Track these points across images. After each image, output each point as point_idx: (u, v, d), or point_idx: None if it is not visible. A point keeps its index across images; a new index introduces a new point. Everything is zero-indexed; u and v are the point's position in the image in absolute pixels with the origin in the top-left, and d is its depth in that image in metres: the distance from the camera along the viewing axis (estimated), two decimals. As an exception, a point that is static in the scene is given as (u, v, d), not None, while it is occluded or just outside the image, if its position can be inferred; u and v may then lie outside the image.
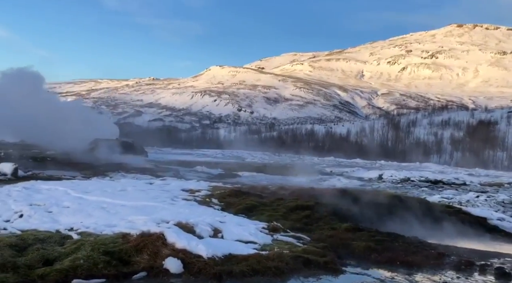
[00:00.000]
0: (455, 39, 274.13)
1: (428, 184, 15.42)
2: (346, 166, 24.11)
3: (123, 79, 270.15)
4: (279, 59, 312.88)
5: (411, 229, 7.43)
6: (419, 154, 67.40)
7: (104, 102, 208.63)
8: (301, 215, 7.54)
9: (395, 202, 8.67)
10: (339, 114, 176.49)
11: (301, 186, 10.35)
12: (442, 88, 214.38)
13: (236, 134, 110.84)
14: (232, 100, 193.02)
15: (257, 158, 29.47)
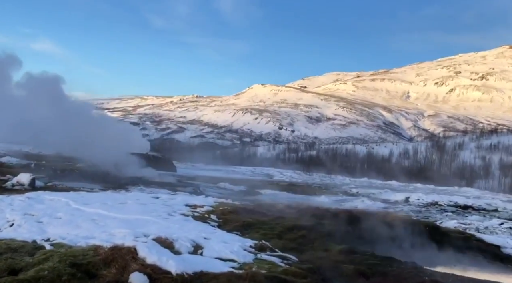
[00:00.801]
0: (507, 61, 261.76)
1: (455, 209, 14.51)
2: (377, 187, 23.23)
3: (168, 96, 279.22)
4: (321, 78, 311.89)
5: (412, 254, 6.97)
6: (464, 178, 64.30)
7: (148, 118, 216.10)
8: (297, 235, 7.27)
9: (402, 225, 8.20)
10: (383, 135, 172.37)
11: (310, 205, 10.06)
12: (492, 111, 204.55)
13: (275, 152, 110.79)
14: (273, 118, 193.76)
15: (286, 176, 29.04)
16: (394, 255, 6.92)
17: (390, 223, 8.30)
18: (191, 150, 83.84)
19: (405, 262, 6.36)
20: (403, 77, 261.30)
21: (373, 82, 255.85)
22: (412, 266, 6.28)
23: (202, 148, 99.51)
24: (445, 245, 7.70)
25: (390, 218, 8.55)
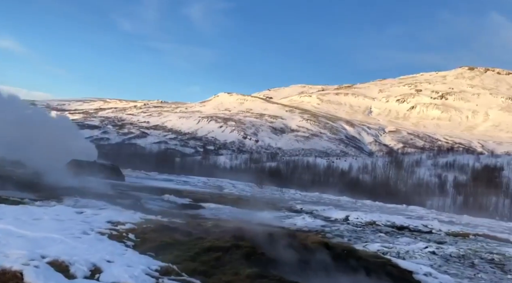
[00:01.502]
0: (466, 82, 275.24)
1: (391, 229, 14.87)
2: (325, 203, 23.58)
3: (132, 100, 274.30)
4: (287, 90, 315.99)
5: (322, 279, 7.07)
6: (419, 195, 66.21)
7: (110, 121, 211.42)
8: (211, 257, 7.17)
9: (320, 249, 8.29)
10: (345, 148, 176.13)
11: (238, 224, 10.03)
12: (451, 130, 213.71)
13: (237, 161, 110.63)
14: (238, 128, 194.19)
15: (237, 189, 28.90)
16: (305, 280, 6.98)
17: (309, 246, 8.38)
18: (152, 156, 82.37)
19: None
20: (366, 92, 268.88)
21: (337, 96, 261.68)
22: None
23: (164, 154, 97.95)
24: (359, 271, 7.83)
25: (309, 241, 8.63)
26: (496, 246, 13.00)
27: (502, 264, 10.22)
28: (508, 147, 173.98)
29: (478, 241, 13.67)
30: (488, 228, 19.87)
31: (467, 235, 14.84)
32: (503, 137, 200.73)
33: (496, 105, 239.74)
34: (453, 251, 10.84)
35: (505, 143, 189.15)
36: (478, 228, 18.85)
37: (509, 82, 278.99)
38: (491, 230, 19.12)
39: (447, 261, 9.80)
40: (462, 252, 10.80)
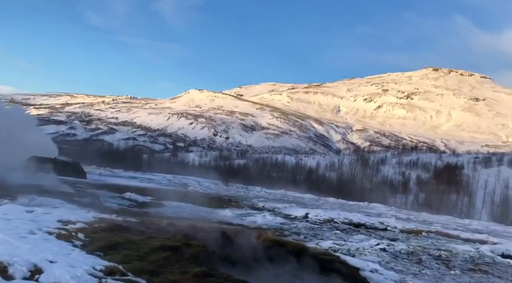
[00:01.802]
0: (430, 82, 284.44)
1: (348, 226, 15.26)
2: (288, 201, 23.89)
3: (100, 96, 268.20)
4: (258, 87, 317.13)
5: (271, 277, 7.21)
6: (383, 193, 67.81)
7: (77, 117, 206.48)
8: (160, 257, 7.16)
9: (272, 246, 8.44)
10: (314, 146, 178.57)
11: (193, 223, 10.04)
12: (415, 129, 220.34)
13: (207, 159, 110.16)
14: (209, 125, 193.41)
15: (202, 186, 28.81)
16: (255, 278, 7.09)
17: (261, 244, 8.51)
18: (119, 153, 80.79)
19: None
20: (335, 91, 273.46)
21: (306, 95, 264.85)
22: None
23: (132, 151, 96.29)
24: (309, 268, 8.02)
25: (262, 239, 8.77)
26: (446, 243, 13.58)
27: (448, 260, 10.69)
28: (469, 146, 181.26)
29: (429, 238, 14.23)
30: (442, 225, 20.67)
31: (420, 232, 15.41)
32: (465, 136, 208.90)
33: (458, 105, 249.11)
34: (403, 248, 11.25)
35: (467, 142, 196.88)
36: (433, 225, 19.59)
37: (471, 83, 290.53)
38: (445, 227, 19.91)
39: (396, 257, 10.17)
40: (411, 249, 11.23)
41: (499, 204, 49.22)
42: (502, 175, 70.90)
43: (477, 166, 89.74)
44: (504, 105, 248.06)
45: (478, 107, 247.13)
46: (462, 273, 9.60)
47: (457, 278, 9.03)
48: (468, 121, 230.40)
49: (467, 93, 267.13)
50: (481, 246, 12.80)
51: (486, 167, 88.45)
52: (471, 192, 64.54)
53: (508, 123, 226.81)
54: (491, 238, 16.66)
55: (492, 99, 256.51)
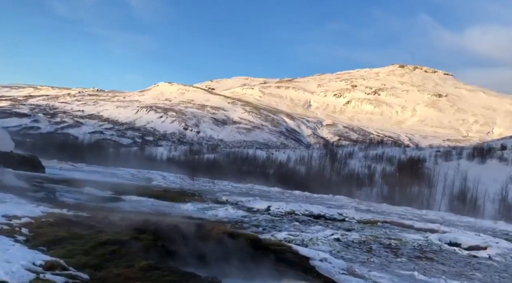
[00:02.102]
0: (396, 79, 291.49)
1: (308, 218, 15.59)
2: (253, 194, 24.08)
3: (65, 88, 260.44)
4: (230, 81, 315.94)
5: (221, 268, 7.30)
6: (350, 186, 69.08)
7: (42, 110, 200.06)
8: (106, 251, 7.12)
9: (225, 238, 8.54)
10: (285, 141, 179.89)
11: (147, 217, 10.00)
12: (382, 124, 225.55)
13: (177, 153, 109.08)
14: (179, 118, 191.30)
15: (167, 181, 28.62)
16: (203, 270, 7.16)
17: (214, 237, 8.58)
18: (85, 147, 78.82)
19: (206, 278, 6.60)
20: (306, 86, 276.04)
21: (278, 90, 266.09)
22: (209, 281, 6.54)
23: (97, 145, 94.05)
24: (259, 258, 8.15)
25: (215, 231, 8.85)
26: (398, 232, 14.10)
27: (397, 249, 11.13)
28: (432, 140, 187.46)
29: (383, 228, 14.74)
30: (399, 216, 21.40)
31: (376, 222, 15.92)
32: (428, 131, 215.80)
33: (422, 101, 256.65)
34: (356, 237, 11.62)
35: (430, 136, 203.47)
36: (390, 216, 20.25)
37: (435, 80, 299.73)
38: (402, 217, 20.61)
39: (347, 247, 10.50)
40: (363, 239, 11.61)
41: (457, 196, 51.24)
42: (461, 168, 73.64)
43: (438, 159, 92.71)
44: (465, 101, 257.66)
45: (441, 103, 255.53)
46: (408, 260, 10.03)
47: (402, 265, 9.43)
48: (431, 116, 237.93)
49: (430, 90, 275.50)
50: (430, 235, 13.39)
51: (446, 160, 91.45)
52: (432, 184, 66.82)
53: (468, 118, 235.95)
54: (442, 228, 17.39)
55: (454, 95, 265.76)
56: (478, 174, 59.72)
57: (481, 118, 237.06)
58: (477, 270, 9.95)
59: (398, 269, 9.01)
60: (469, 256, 11.77)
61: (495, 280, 9.18)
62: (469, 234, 16.30)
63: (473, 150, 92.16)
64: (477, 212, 47.02)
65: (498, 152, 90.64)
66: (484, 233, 17.98)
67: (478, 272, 9.71)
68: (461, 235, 15.14)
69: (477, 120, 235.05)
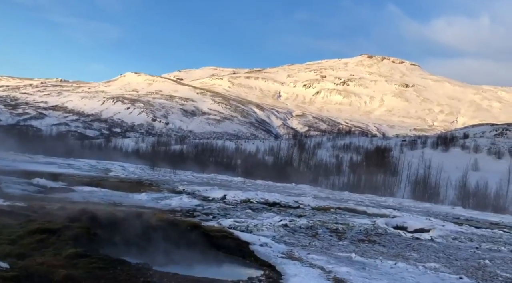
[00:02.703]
0: (365, 69, 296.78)
1: (262, 206, 15.72)
2: (213, 184, 24.02)
3: (27, 78, 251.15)
4: (198, 72, 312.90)
5: (156, 256, 7.25)
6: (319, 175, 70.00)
7: (2, 101, 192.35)
8: (34, 240, 6.92)
9: (164, 226, 8.47)
10: (255, 131, 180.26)
11: (84, 207, 9.78)
12: (351, 114, 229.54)
13: (143, 145, 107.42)
14: (147, 110, 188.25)
15: (126, 172, 28.06)
16: (137, 257, 7.07)
17: (153, 225, 8.49)
18: (45, 138, 76.34)
19: (136, 264, 6.52)
20: (276, 77, 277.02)
21: (248, 80, 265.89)
22: (141, 267, 6.46)
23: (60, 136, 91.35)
24: (198, 244, 8.14)
25: (155, 219, 8.77)
26: (348, 217, 14.43)
27: (342, 233, 11.40)
28: (399, 130, 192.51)
29: (334, 214, 15.04)
30: (356, 203, 21.90)
31: (329, 209, 16.23)
32: (395, 121, 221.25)
33: (390, 91, 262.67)
34: (304, 223, 11.80)
35: (397, 126, 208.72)
36: (348, 203, 20.70)
37: (402, 70, 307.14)
38: (358, 204, 21.11)
39: (293, 232, 10.65)
40: (311, 224, 11.81)
41: (418, 183, 52.99)
42: (425, 156, 76.16)
43: (403, 148, 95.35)
44: (431, 91, 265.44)
45: (408, 93, 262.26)
46: (350, 243, 10.28)
47: (343, 248, 9.66)
48: (398, 106, 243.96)
49: (398, 80, 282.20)
50: (378, 219, 13.76)
51: (412, 149, 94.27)
52: (397, 172, 68.70)
53: (433, 108, 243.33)
54: (395, 213, 17.97)
55: (420, 86, 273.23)
56: (441, 162, 61.95)
57: (446, 108, 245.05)
58: (415, 251, 10.32)
59: (338, 251, 9.21)
60: (412, 238, 12.19)
61: (430, 259, 9.54)
62: (418, 218, 16.91)
63: (437, 139, 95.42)
64: (437, 199, 48.91)
65: (460, 140, 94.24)
66: (435, 218, 18.70)
67: (416, 253, 10.07)
68: (410, 219, 15.67)
69: (442, 110, 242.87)
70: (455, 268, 9.05)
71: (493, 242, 12.91)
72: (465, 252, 10.91)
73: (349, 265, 8.06)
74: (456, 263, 9.54)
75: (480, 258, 10.31)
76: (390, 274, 7.94)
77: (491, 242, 12.84)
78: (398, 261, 8.79)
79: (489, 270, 9.20)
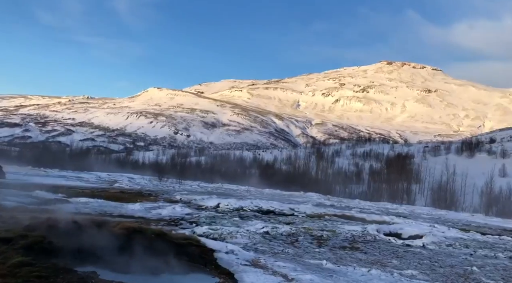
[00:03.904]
0: (385, 76, 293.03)
1: (255, 213, 15.46)
2: (218, 193, 23.92)
3: (56, 96, 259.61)
4: (218, 84, 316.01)
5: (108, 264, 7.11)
6: (338, 184, 68.88)
7: (33, 119, 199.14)
8: (-14, 249, 6.98)
9: (126, 234, 8.35)
10: (275, 141, 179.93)
11: (56, 216, 9.77)
12: (372, 121, 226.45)
13: (164, 157, 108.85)
14: (169, 123, 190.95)
15: (132, 183, 28.25)
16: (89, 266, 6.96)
17: (116, 233, 8.38)
18: (68, 154, 78.33)
19: (81, 273, 6.41)
20: (294, 87, 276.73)
21: (266, 91, 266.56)
22: (83, 275, 6.35)
23: (82, 152, 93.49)
24: (161, 253, 7.98)
25: (119, 228, 8.65)
26: (340, 224, 13.98)
27: (325, 240, 11.01)
28: (423, 136, 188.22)
29: (326, 221, 14.64)
30: (360, 210, 21.32)
31: (324, 216, 15.81)
32: (418, 127, 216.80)
33: (412, 97, 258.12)
34: (286, 230, 11.48)
35: (420, 132, 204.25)
36: (350, 210, 20.13)
37: (424, 75, 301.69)
38: (362, 211, 20.52)
39: (271, 239, 10.35)
40: (294, 231, 11.48)
41: (438, 190, 51.33)
42: (449, 162, 73.97)
43: (426, 155, 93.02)
44: (455, 96, 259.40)
45: (431, 98, 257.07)
46: (329, 250, 9.90)
47: (318, 255, 9.30)
48: (421, 112, 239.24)
49: (420, 85, 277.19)
50: (369, 226, 13.26)
51: (435, 155, 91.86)
52: (419, 180, 66.83)
53: (458, 113, 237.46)
54: (396, 220, 17.35)
55: (443, 90, 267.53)
56: (466, 168, 59.81)
57: (471, 113, 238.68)
58: (399, 258, 9.84)
59: (311, 259, 8.87)
60: (402, 245, 11.68)
61: (411, 266, 9.07)
62: (420, 225, 16.21)
63: (461, 144, 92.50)
64: (458, 206, 47.20)
65: (486, 145, 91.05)
66: (443, 225, 17.91)
67: (397, 260, 9.60)
68: (409, 226, 15.05)
69: (468, 115, 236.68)
70: (436, 275, 8.56)
71: (492, 249, 12.23)
72: (454, 259, 10.35)
73: (316, 272, 7.74)
74: (439, 270, 9.03)
75: (469, 265, 9.75)
76: (358, 282, 7.56)
77: (489, 249, 12.16)
78: (372, 269, 8.38)
79: (474, 277, 8.67)
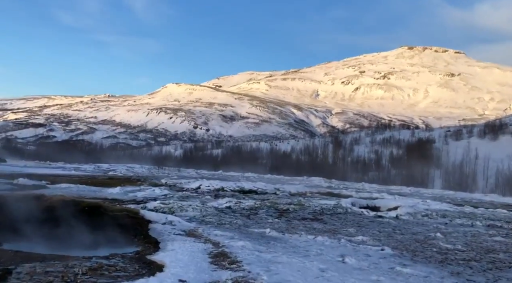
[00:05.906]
0: (406, 61, 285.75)
1: (233, 193, 15.09)
2: (211, 178, 23.68)
3: (78, 96, 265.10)
4: (236, 77, 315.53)
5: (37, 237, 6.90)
6: (357, 172, 67.79)
7: (56, 118, 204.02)
8: None
9: (59, 207, 8.11)
10: (294, 132, 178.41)
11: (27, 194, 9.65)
12: (394, 108, 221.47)
13: (181, 150, 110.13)
14: (188, 118, 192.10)
15: (128, 171, 28.29)
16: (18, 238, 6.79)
17: (46, 206, 8.17)
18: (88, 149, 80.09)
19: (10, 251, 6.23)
20: (313, 76, 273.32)
21: (284, 82, 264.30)
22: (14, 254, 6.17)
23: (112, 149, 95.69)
24: (92, 223, 7.75)
25: (51, 200, 8.43)
26: (316, 200, 13.46)
27: (288, 212, 10.54)
28: (447, 121, 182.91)
29: (302, 197, 14.10)
30: (356, 190, 20.61)
31: (305, 193, 15.27)
32: (442, 112, 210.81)
33: (434, 82, 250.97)
34: (250, 204, 11.07)
35: (444, 117, 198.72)
36: (344, 190, 19.46)
37: (446, 59, 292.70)
38: (358, 191, 19.82)
39: (228, 212, 9.97)
40: (257, 205, 11.03)
41: (453, 173, 49.76)
42: (471, 146, 71.54)
43: (448, 139, 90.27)
44: (479, 79, 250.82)
45: (454, 82, 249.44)
46: (285, 221, 9.48)
47: (269, 225, 8.88)
48: (444, 97, 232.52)
49: (442, 69, 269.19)
50: (344, 200, 12.67)
51: (456, 140, 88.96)
52: (440, 164, 64.89)
53: (483, 96, 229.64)
54: (386, 196, 16.62)
55: (467, 74, 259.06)
56: (488, 151, 57.76)
57: (497, 95, 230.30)
58: (359, 227, 9.29)
59: (257, 228, 8.41)
60: (374, 216, 11.06)
61: (367, 234, 8.48)
62: (408, 201, 15.42)
63: (484, 127, 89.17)
64: (475, 188, 45.63)
65: (510, 127, 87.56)
66: (439, 201, 17.03)
67: (355, 229, 9.04)
68: (393, 201, 14.35)
69: (493, 98, 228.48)
70: (390, 241, 7.98)
71: (472, 218, 11.45)
72: (422, 227, 9.70)
73: (253, 240, 7.31)
74: (397, 237, 8.44)
75: (435, 231, 9.06)
76: (295, 247, 7.09)
77: (469, 218, 11.39)
78: (319, 236, 7.84)
79: (431, 242, 8.04)
